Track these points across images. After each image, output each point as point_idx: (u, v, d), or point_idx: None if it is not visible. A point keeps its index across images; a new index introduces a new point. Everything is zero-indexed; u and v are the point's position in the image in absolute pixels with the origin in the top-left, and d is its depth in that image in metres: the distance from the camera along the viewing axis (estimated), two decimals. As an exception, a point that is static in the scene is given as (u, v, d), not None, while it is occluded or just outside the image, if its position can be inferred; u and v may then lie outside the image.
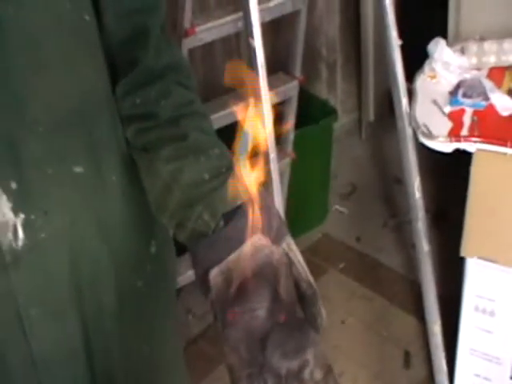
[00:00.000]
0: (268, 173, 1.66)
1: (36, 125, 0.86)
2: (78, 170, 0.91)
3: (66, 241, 0.92)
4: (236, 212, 0.79)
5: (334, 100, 3.23)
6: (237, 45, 2.81)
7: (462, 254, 1.74)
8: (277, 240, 0.78)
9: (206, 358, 2.26)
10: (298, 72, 2.46)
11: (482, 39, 1.86)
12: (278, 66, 2.42)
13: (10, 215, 0.86)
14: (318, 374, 0.71)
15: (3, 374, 0.95)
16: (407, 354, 2.35)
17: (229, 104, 2.23)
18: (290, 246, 0.79)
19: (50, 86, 0.86)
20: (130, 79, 0.93)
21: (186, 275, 2.12)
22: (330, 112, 2.80)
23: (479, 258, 1.73)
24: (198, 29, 2.10)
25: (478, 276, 1.79)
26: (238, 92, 0.73)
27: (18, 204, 0.86)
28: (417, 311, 2.45)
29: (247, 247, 0.76)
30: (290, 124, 2.56)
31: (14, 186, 0.85)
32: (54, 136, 0.87)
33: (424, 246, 1.90)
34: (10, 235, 0.87)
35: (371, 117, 3.33)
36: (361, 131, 3.38)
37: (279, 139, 2.48)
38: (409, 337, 2.42)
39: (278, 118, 1.77)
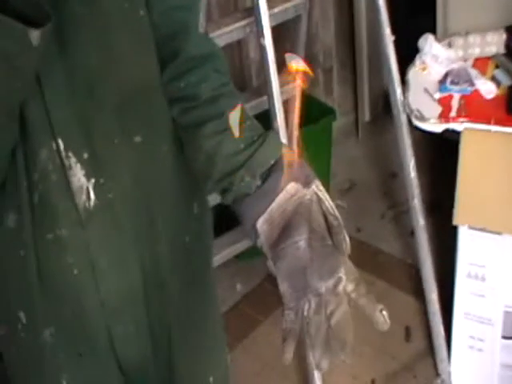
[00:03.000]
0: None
1: (105, 103, 0.99)
2: (138, 139, 1.04)
3: (129, 200, 1.05)
4: (270, 171, 0.93)
5: (331, 103, 3.30)
6: (238, 51, 2.97)
7: (455, 222, 1.87)
8: (307, 183, 0.90)
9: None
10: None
11: (467, 33, 1.98)
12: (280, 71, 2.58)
13: (83, 180, 1.00)
14: (350, 287, 0.87)
15: (80, 317, 1.08)
16: (407, 329, 2.47)
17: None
18: (319, 186, 0.91)
19: (117, 72, 1.00)
20: (174, 67, 1.05)
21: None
22: (328, 112, 2.89)
23: (470, 225, 1.87)
24: (210, 35, 2.27)
25: (469, 245, 1.92)
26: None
27: (90, 170, 1.00)
28: (415, 291, 2.55)
29: (283, 195, 0.90)
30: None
31: (86, 155, 0.99)
32: (119, 112, 1.01)
33: (420, 221, 2.04)
34: (83, 197, 1.00)
35: (367, 118, 3.42)
36: (357, 132, 3.45)
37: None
38: (408, 314, 2.53)
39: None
